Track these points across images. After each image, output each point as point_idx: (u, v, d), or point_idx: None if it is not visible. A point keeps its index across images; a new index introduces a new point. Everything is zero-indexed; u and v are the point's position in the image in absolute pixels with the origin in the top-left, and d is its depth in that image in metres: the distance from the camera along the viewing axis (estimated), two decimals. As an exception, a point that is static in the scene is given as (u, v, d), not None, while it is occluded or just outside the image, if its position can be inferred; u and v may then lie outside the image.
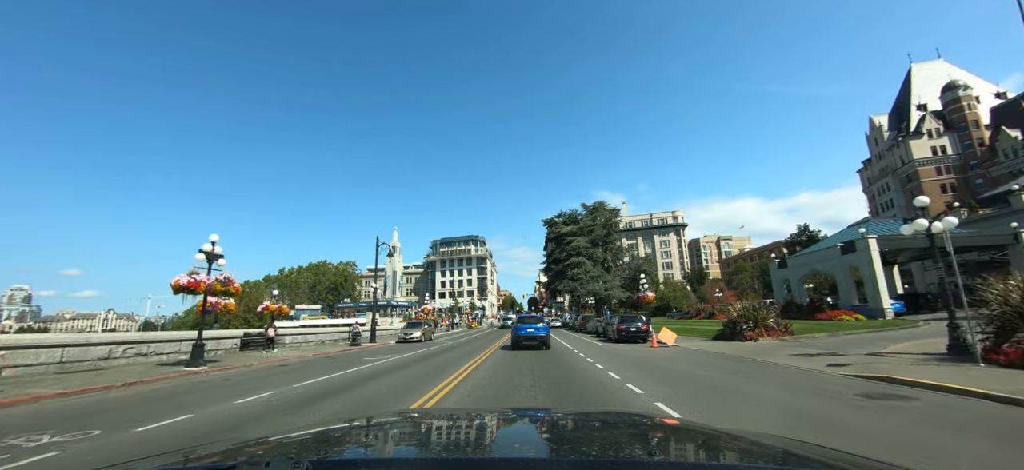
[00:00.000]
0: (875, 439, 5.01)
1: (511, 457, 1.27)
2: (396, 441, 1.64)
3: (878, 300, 28.77)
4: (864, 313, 28.34)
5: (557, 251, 55.96)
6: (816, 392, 7.98)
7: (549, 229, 59.23)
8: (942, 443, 4.85)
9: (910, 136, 69.62)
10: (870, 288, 29.79)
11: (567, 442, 1.61)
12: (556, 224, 58.35)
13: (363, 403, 8.14)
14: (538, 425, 1.98)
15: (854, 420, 5.98)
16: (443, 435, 1.70)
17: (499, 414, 2.24)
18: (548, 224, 59.92)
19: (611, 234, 57.61)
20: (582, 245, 53.41)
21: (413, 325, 32.81)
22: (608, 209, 57.58)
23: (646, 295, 31.40)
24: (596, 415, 2.34)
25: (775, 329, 20.26)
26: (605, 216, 56.88)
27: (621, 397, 8.06)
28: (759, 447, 1.36)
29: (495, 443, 1.68)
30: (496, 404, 7.66)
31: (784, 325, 20.91)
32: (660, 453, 1.38)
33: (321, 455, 1.31)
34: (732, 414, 6.65)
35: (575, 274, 51.53)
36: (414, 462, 1.28)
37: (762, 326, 20.19)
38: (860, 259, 30.39)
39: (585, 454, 1.30)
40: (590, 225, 56.03)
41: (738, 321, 20.67)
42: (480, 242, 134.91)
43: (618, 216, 57.24)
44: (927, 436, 5.13)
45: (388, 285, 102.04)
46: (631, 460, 1.20)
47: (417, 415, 2.75)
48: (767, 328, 20.15)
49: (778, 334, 20.06)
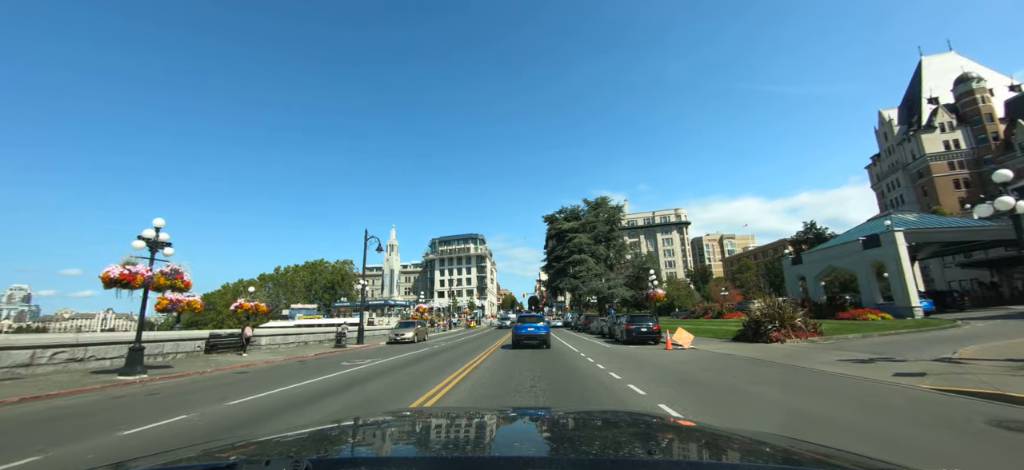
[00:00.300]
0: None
1: (511, 456, 1.27)
2: (396, 439, 1.63)
3: (906, 298, 26.63)
4: (891, 312, 26.21)
5: (558, 248, 53.85)
6: (915, 415, 5.86)
7: (550, 225, 57.11)
8: None
9: (922, 130, 67.46)
10: (896, 285, 27.64)
11: (567, 441, 1.60)
12: (557, 220, 56.22)
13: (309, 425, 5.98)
14: (538, 424, 1.96)
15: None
16: (443, 433, 1.69)
17: (499, 413, 2.21)
18: (549, 220, 57.79)
19: (614, 231, 55.51)
20: (584, 242, 51.31)
21: (405, 325, 30.71)
22: (611, 205, 55.47)
23: (655, 293, 29.19)
24: (597, 414, 2.23)
25: (803, 329, 18.15)
26: (608, 212, 54.79)
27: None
28: (760, 446, 1.37)
29: (495, 442, 1.66)
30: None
31: (813, 325, 18.80)
32: (660, 452, 1.37)
33: (321, 453, 1.31)
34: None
35: (577, 271, 49.42)
36: (415, 460, 1.28)
37: (788, 326, 18.08)
38: (886, 254, 28.23)
39: (585, 453, 1.30)
40: (592, 221, 53.93)
41: (761, 321, 18.55)
42: (480, 240, 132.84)
43: (621, 212, 55.07)
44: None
45: (385, 284, 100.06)
46: (631, 459, 1.21)
47: (418, 414, 2.70)
48: (794, 328, 18.04)
49: (806, 335, 17.96)
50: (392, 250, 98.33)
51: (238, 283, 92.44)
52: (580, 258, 50.02)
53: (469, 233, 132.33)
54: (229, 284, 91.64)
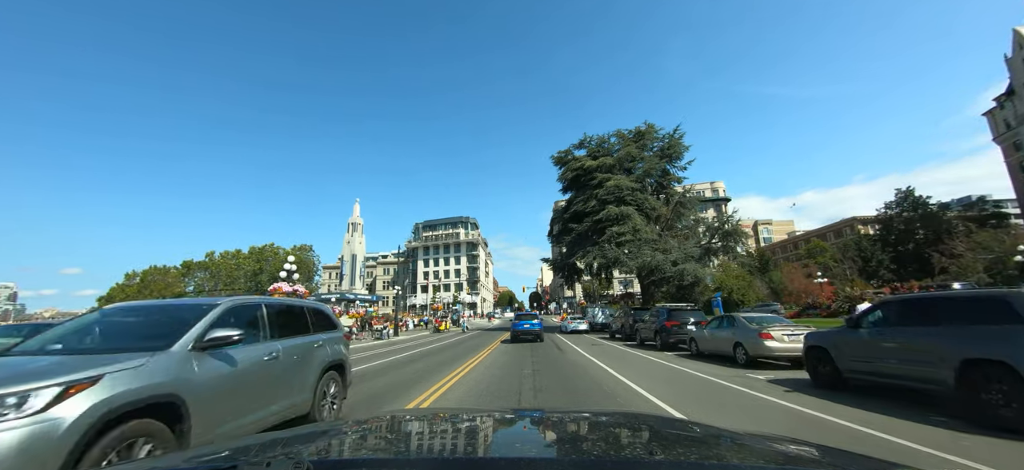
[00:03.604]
0: None
1: (512, 457, 1.24)
2: (397, 440, 1.61)
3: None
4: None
5: (579, 200, 32.49)
6: None
7: (563, 168, 35.61)
8: None
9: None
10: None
11: (568, 441, 1.58)
12: (576, 159, 34.83)
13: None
14: (538, 425, 1.92)
15: None
16: (444, 433, 1.67)
17: (499, 413, 2.14)
18: (561, 161, 36.31)
19: (669, 176, 34.16)
20: (626, 186, 29.93)
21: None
22: (664, 134, 33.96)
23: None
24: (597, 414, 2.11)
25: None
26: (664, 142, 33.41)
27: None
28: (761, 447, 1.37)
29: (494, 442, 1.62)
30: None
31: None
32: (661, 453, 1.33)
33: (322, 454, 1.30)
34: None
35: (619, 234, 28.04)
36: (416, 460, 1.27)
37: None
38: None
39: (586, 453, 1.30)
40: (635, 155, 32.57)
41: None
42: (471, 225, 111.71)
43: (681, 142, 33.39)
44: None
45: (345, 274, 78.57)
46: (632, 459, 1.18)
47: (417, 414, 2.83)
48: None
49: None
50: (354, 230, 76.80)
51: (150, 269, 71.31)
52: (620, 212, 28.69)
53: (458, 216, 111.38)
54: (136, 271, 70.52)
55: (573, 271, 36.80)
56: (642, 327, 18.55)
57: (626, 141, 34.36)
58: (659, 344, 16.19)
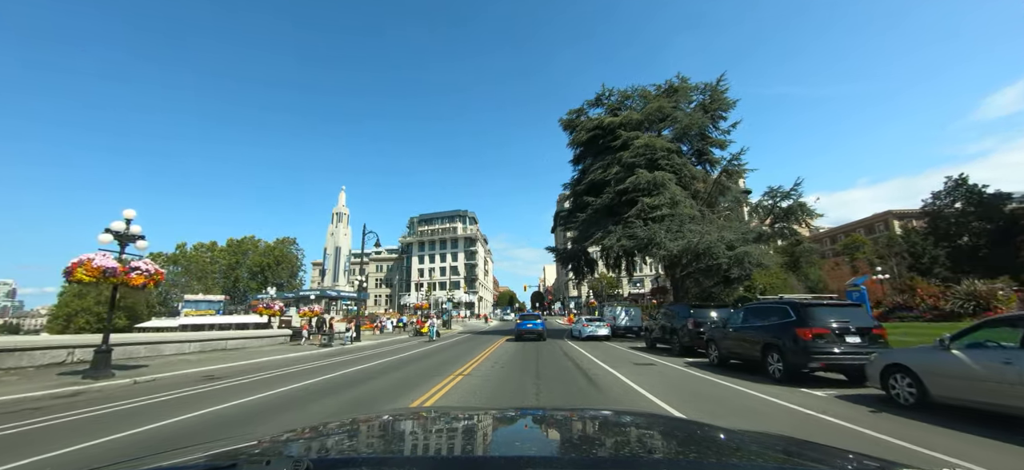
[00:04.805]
0: None
1: (512, 455, 1.24)
2: (397, 439, 1.58)
3: None
4: None
5: (597, 167, 25.37)
6: None
7: (574, 133, 28.45)
8: None
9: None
10: None
11: (568, 440, 1.56)
12: (591, 120, 27.69)
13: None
14: (539, 423, 1.91)
15: None
16: (444, 432, 1.65)
17: (499, 412, 2.16)
18: (571, 124, 29.15)
19: (709, 140, 27.00)
20: (660, 147, 22.84)
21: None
22: (702, 85, 26.81)
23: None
24: (598, 412, 2.24)
25: None
26: (703, 97, 26.34)
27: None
28: (761, 445, 1.36)
29: (494, 440, 1.62)
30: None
31: None
32: (661, 451, 1.33)
33: (322, 453, 1.29)
34: None
35: (651, 206, 20.92)
36: (417, 460, 1.26)
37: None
38: None
39: (586, 452, 1.29)
40: (666, 113, 25.46)
41: None
42: (470, 219, 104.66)
43: (726, 97, 26.20)
44: None
45: (328, 268, 71.57)
46: (633, 458, 1.18)
47: (418, 413, 2.73)
48: None
49: None
50: (339, 220, 69.89)
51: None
52: (655, 179, 21.60)
53: (455, 210, 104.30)
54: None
55: (585, 261, 29.69)
56: (720, 336, 11.34)
57: (657, 94, 27.28)
58: (784, 370, 8.85)
